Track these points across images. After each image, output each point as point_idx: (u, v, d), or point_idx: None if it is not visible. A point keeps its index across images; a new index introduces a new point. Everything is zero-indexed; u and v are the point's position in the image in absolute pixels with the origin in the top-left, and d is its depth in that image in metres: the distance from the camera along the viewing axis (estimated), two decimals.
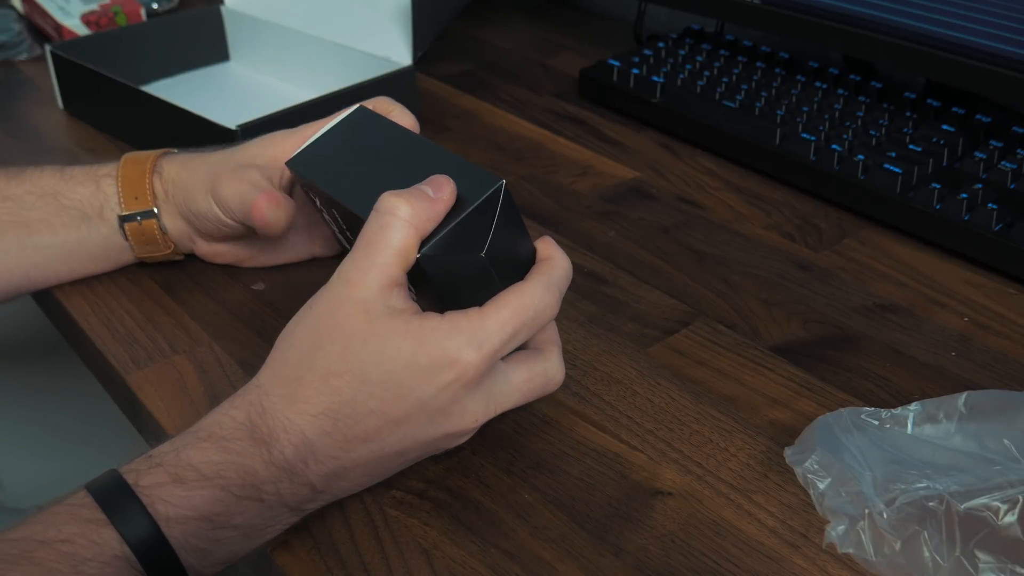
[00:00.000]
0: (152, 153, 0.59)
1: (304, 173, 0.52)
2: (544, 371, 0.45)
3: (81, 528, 0.38)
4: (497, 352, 0.42)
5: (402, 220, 0.41)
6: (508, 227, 0.45)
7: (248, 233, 0.58)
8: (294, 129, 0.57)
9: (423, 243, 0.42)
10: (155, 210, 0.58)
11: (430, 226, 0.42)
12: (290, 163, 0.53)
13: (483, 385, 0.42)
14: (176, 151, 0.60)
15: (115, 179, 0.58)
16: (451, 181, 0.44)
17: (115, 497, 0.39)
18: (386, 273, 0.41)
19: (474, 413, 0.42)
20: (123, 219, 0.58)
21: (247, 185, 0.54)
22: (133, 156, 0.59)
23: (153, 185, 0.58)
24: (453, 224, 0.43)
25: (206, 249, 0.61)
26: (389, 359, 0.41)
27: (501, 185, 0.44)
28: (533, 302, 0.43)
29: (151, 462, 0.41)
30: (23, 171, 0.59)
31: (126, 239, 0.59)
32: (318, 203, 0.53)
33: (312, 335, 0.42)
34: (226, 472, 0.40)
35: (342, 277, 0.42)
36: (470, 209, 0.43)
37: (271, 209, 0.53)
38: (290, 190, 0.57)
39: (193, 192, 0.57)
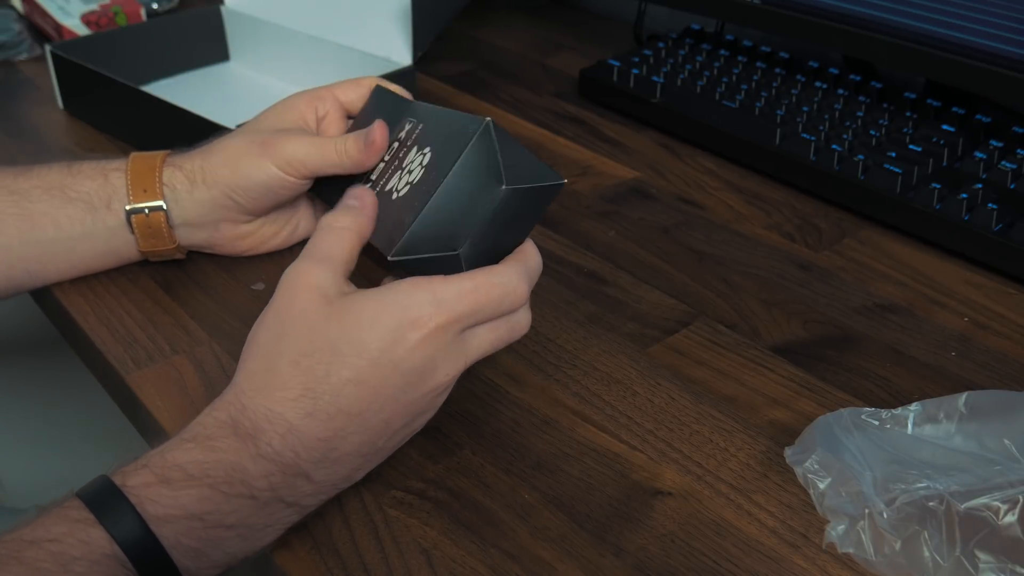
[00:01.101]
0: (159, 152, 0.60)
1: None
2: (508, 319, 0.46)
3: (69, 527, 0.38)
4: (457, 315, 0.43)
5: (344, 228, 0.46)
6: (508, 220, 0.46)
7: (293, 198, 0.60)
8: (291, 97, 0.60)
9: (390, 243, 0.45)
10: (163, 204, 0.58)
11: (367, 231, 0.47)
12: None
13: (452, 343, 0.43)
14: (182, 149, 0.60)
15: (124, 172, 0.58)
16: (371, 193, 0.48)
17: (103, 497, 0.39)
18: (340, 266, 0.44)
19: (446, 370, 0.44)
20: (130, 211, 0.58)
21: (310, 139, 0.56)
22: (141, 153, 0.59)
23: (164, 179, 0.58)
24: (416, 219, 0.45)
25: (231, 232, 0.61)
26: (355, 327, 0.42)
27: (485, 126, 0.45)
28: (501, 281, 0.44)
29: (137, 464, 0.41)
30: (31, 168, 0.59)
31: (132, 232, 0.59)
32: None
33: (275, 328, 0.43)
34: (213, 471, 0.40)
35: (295, 273, 0.44)
36: (436, 191, 0.45)
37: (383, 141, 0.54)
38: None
39: (242, 165, 0.57)
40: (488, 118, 0.45)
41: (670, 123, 0.81)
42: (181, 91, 0.88)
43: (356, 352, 0.42)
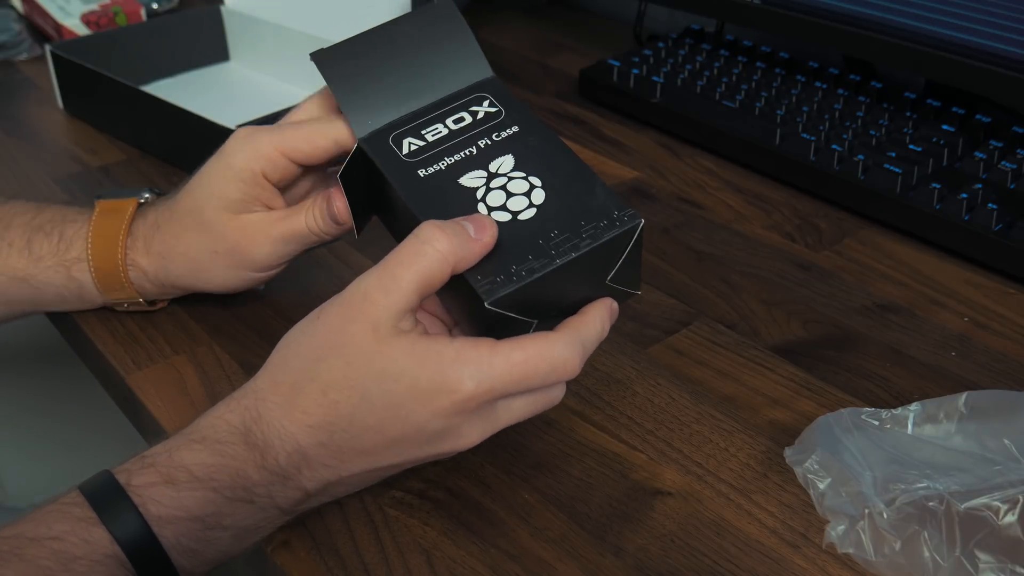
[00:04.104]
0: (119, 232, 0.54)
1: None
2: (546, 393, 0.44)
3: (72, 526, 0.38)
4: (499, 390, 0.41)
5: (437, 251, 0.40)
6: (591, 280, 0.44)
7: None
8: (227, 158, 0.52)
9: (488, 286, 0.41)
10: (140, 299, 0.56)
11: (465, 265, 0.41)
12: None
13: (481, 413, 0.42)
14: (139, 215, 0.55)
15: (87, 265, 0.55)
16: (495, 226, 0.42)
17: (106, 496, 0.39)
18: (407, 299, 0.41)
19: (470, 436, 0.42)
20: (110, 304, 0.57)
21: (279, 231, 0.51)
22: (99, 236, 0.54)
23: (132, 278, 0.55)
24: (528, 280, 0.41)
25: (218, 292, 0.57)
26: (391, 378, 0.40)
27: (640, 231, 0.42)
28: (552, 354, 0.41)
29: (143, 462, 0.41)
30: None
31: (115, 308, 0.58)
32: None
33: (318, 346, 0.41)
34: (218, 475, 0.40)
35: (360, 292, 0.41)
36: (555, 265, 0.42)
37: (347, 208, 0.49)
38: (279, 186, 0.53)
39: (212, 276, 0.54)
40: (641, 220, 0.43)
41: (670, 123, 0.81)
42: (181, 91, 0.88)
43: (384, 404, 0.40)
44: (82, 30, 0.95)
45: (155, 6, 1.04)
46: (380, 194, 0.48)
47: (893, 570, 0.42)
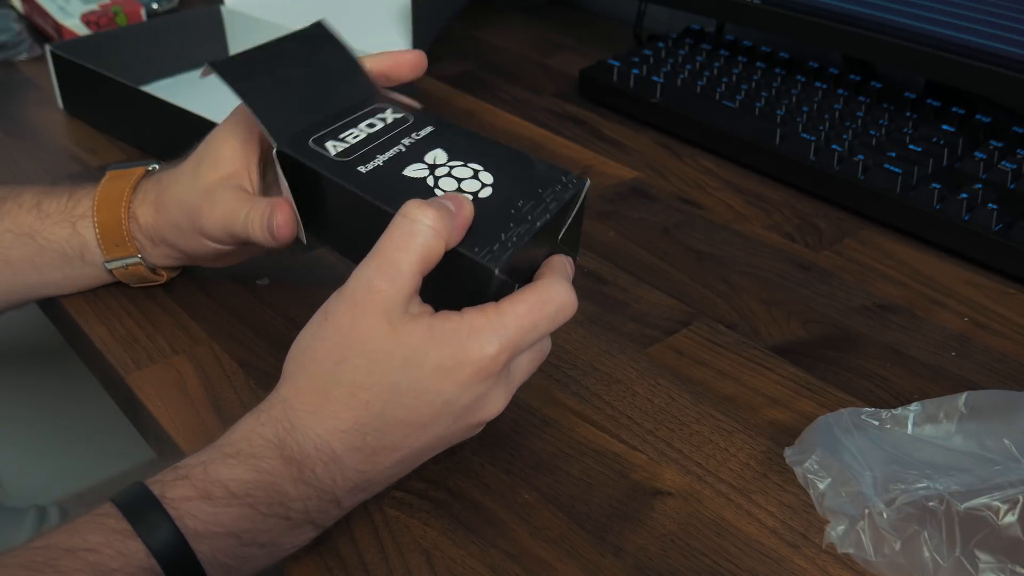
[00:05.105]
0: (125, 190, 0.56)
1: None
2: (542, 346, 0.45)
3: (107, 538, 0.38)
4: (516, 345, 0.41)
5: (429, 227, 0.40)
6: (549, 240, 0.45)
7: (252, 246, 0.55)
8: (229, 120, 0.53)
9: (489, 255, 0.42)
10: (140, 258, 0.57)
11: (453, 240, 0.41)
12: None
13: (502, 374, 0.42)
14: (145, 177, 0.57)
15: (91, 221, 0.56)
16: (470, 201, 0.43)
17: (141, 508, 0.39)
18: (411, 282, 0.40)
19: (496, 403, 0.42)
20: (110, 267, 0.57)
21: (225, 212, 0.51)
22: (106, 195, 0.56)
23: (132, 231, 0.56)
24: (521, 243, 0.42)
25: (216, 262, 0.59)
26: (415, 365, 0.40)
27: (584, 184, 0.45)
28: (551, 297, 0.42)
29: (176, 474, 0.40)
30: (3, 203, 0.57)
31: (114, 277, 0.58)
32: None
33: (335, 349, 0.41)
34: (255, 491, 0.40)
35: (364, 284, 0.40)
36: (537, 227, 0.43)
37: (288, 225, 0.49)
38: (263, 181, 0.54)
39: (179, 235, 0.55)
40: (587, 180, 0.46)
41: (670, 123, 0.81)
42: (181, 91, 0.88)
43: (413, 392, 0.40)
44: (82, 30, 0.95)
45: (155, 6, 1.04)
46: (317, 203, 0.48)
47: (893, 570, 0.42)
